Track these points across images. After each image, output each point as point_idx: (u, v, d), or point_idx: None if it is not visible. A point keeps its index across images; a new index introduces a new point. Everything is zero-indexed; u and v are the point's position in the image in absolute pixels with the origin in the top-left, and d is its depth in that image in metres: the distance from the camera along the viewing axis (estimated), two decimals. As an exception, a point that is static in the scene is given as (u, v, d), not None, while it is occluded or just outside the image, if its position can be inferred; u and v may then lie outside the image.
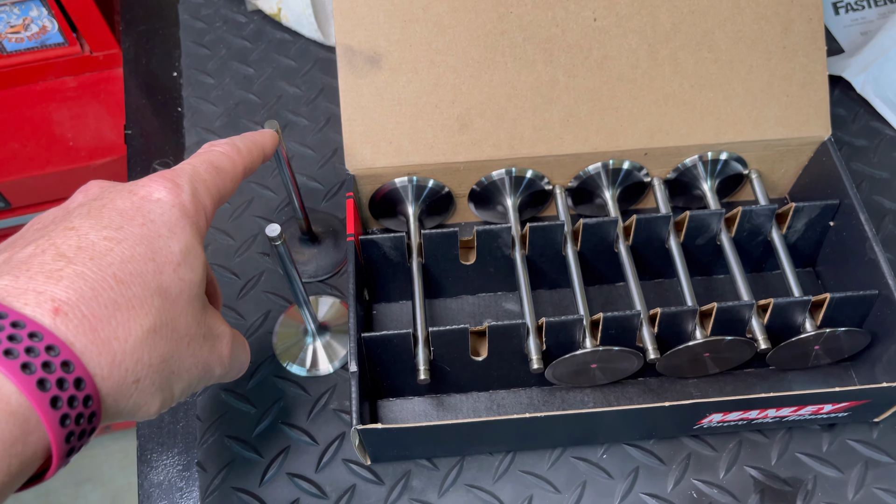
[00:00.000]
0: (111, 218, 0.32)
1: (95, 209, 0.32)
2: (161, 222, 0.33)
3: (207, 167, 0.37)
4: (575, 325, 0.47)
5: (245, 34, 0.70)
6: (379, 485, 0.49)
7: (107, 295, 0.29)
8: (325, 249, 0.57)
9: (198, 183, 0.35)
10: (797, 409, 0.46)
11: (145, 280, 0.31)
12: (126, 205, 0.32)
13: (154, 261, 0.32)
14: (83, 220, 0.31)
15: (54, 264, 0.29)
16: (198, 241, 0.34)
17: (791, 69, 0.53)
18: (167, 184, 0.34)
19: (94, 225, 0.31)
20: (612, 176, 0.55)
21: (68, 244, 0.30)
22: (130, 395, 0.31)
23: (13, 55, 0.81)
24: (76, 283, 0.29)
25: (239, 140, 0.40)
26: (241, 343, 0.40)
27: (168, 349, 0.32)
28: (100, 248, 0.30)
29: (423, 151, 0.53)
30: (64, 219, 0.32)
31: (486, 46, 0.52)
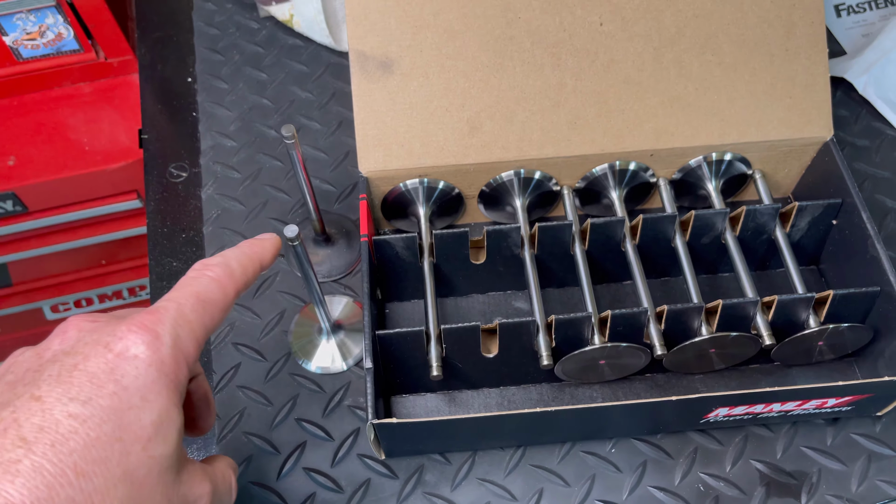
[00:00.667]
0: (80, 386, 0.30)
1: (66, 371, 0.30)
2: (134, 388, 0.31)
3: (194, 304, 0.34)
4: (583, 322, 0.49)
5: (258, 40, 0.71)
6: (393, 479, 0.50)
7: (64, 493, 0.28)
8: (339, 250, 0.58)
9: (181, 328, 0.33)
10: (802, 404, 0.47)
11: (109, 467, 0.29)
12: (99, 366, 0.30)
13: (121, 440, 0.30)
14: (51, 386, 0.30)
15: (13, 452, 0.28)
16: (175, 402, 0.32)
17: (794, 71, 0.54)
18: (146, 336, 0.32)
19: (60, 396, 0.29)
20: (618, 177, 0.56)
21: (31, 422, 0.28)
22: None
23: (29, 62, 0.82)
24: (33, 480, 0.27)
25: (234, 259, 0.37)
26: (227, 487, 0.38)
27: None
28: (63, 429, 0.29)
29: (434, 154, 0.54)
30: (33, 379, 0.30)
31: (495, 51, 0.53)
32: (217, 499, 0.36)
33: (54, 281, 0.99)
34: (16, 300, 1.00)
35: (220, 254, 0.38)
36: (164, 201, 0.62)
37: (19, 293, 0.99)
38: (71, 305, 1.04)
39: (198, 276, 0.36)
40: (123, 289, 1.04)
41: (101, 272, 1.00)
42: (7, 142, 0.81)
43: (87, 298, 1.03)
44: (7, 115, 0.82)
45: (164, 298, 0.34)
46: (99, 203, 0.85)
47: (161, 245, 0.60)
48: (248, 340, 0.55)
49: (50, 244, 0.90)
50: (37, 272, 0.97)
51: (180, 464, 0.33)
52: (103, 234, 0.90)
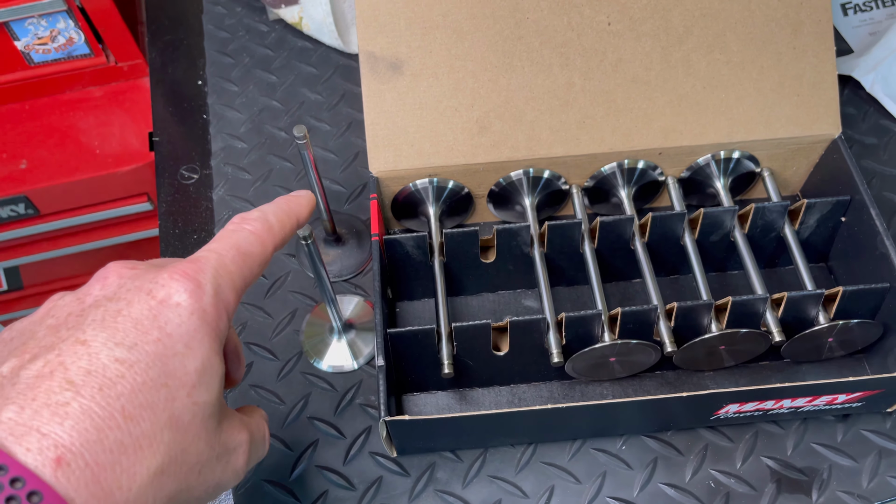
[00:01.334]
0: (125, 331, 0.30)
1: (110, 316, 0.30)
2: (178, 336, 0.31)
3: (234, 255, 0.34)
4: (594, 320, 0.49)
5: (267, 43, 0.72)
6: (405, 476, 0.50)
7: (113, 436, 0.28)
8: (349, 250, 0.59)
9: (222, 278, 0.33)
10: (812, 400, 0.48)
11: (156, 412, 0.29)
12: (143, 312, 0.31)
13: (167, 386, 0.30)
14: (96, 331, 0.30)
15: (61, 394, 0.28)
16: (216, 350, 0.32)
17: (801, 69, 0.54)
18: (188, 284, 0.32)
19: (106, 340, 0.29)
20: (627, 175, 0.56)
21: (78, 366, 0.28)
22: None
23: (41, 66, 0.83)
24: (82, 422, 0.27)
25: (272, 213, 0.38)
26: (262, 437, 0.39)
27: (176, 486, 0.30)
28: (110, 373, 0.29)
29: (444, 153, 0.54)
30: (77, 323, 0.30)
31: (504, 51, 0.53)
32: (253, 448, 0.37)
33: (65, 283, 1.00)
34: (27, 303, 1.01)
35: (259, 208, 0.38)
36: (176, 203, 0.63)
37: (30, 296, 1.00)
38: (81, 308, 1.04)
39: (237, 228, 0.36)
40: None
41: (112, 275, 1.00)
42: (19, 145, 0.82)
43: (97, 301, 1.04)
44: (19, 118, 0.83)
45: (205, 248, 0.34)
46: (110, 206, 0.86)
47: (173, 246, 0.61)
48: (261, 340, 0.56)
49: (61, 247, 0.91)
50: (48, 275, 0.98)
51: (221, 412, 0.34)
52: (114, 237, 0.91)
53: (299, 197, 0.40)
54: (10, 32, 0.77)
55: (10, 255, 0.91)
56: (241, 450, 0.35)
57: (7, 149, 0.81)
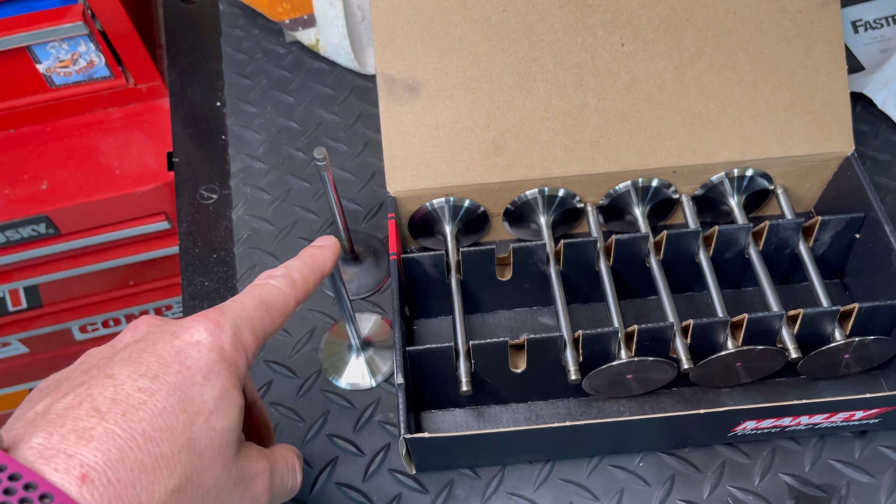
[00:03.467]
0: (149, 365, 0.33)
1: (136, 353, 0.33)
2: (197, 368, 0.33)
3: (256, 304, 0.37)
4: (610, 337, 0.49)
5: (284, 64, 0.73)
6: (423, 493, 0.51)
7: (134, 456, 0.30)
8: (367, 268, 0.60)
9: (242, 321, 0.36)
10: (829, 416, 0.48)
11: (174, 434, 0.31)
12: (166, 350, 0.33)
13: (186, 412, 0.32)
14: (122, 366, 0.32)
15: (87, 420, 0.30)
16: (234, 384, 0.34)
17: (813, 88, 0.55)
18: (208, 324, 0.34)
19: (131, 373, 0.32)
20: (641, 193, 0.57)
21: (104, 396, 0.31)
22: None
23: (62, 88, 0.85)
24: (105, 444, 0.29)
25: (297, 270, 0.40)
26: (289, 469, 0.40)
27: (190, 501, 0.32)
28: (133, 400, 0.31)
29: (460, 173, 0.55)
30: (107, 364, 0.33)
31: (519, 73, 0.54)
32: (279, 478, 0.38)
33: (83, 302, 1.01)
34: (46, 321, 1.02)
35: (284, 265, 0.40)
36: (196, 223, 0.64)
37: (49, 314, 1.01)
38: (99, 326, 1.05)
39: (263, 283, 0.38)
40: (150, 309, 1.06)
41: (129, 293, 1.02)
42: (40, 166, 0.83)
43: (114, 319, 1.05)
44: (40, 140, 0.84)
45: (231, 299, 0.37)
46: (128, 225, 0.87)
47: (193, 265, 0.62)
48: (280, 358, 0.57)
49: (80, 265, 0.92)
50: (67, 293, 0.99)
51: (240, 441, 0.35)
52: (132, 256, 0.92)
53: (323, 248, 0.42)
54: (33, 56, 0.79)
55: (30, 273, 0.92)
56: (261, 479, 0.37)
57: (29, 170, 0.83)
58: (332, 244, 0.42)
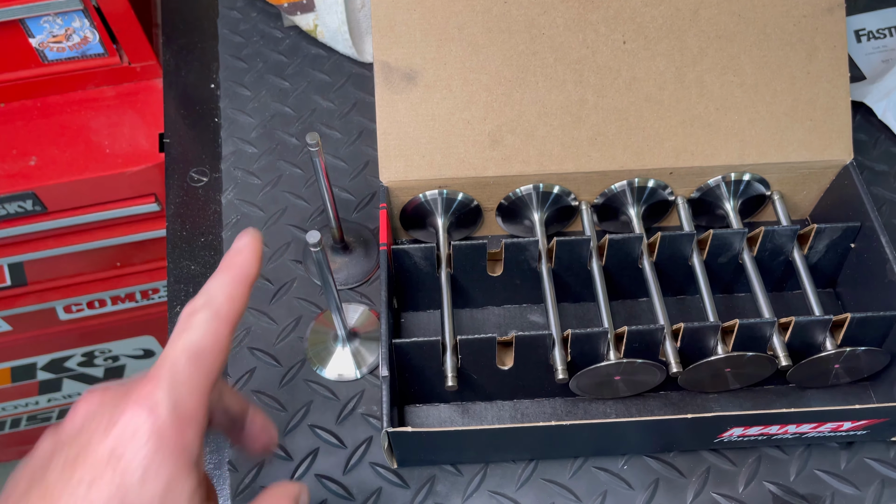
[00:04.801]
0: (81, 477, 0.31)
1: (69, 463, 0.32)
2: (134, 467, 0.31)
3: (187, 359, 0.34)
4: (600, 338, 0.49)
5: (281, 49, 0.72)
6: (404, 488, 0.50)
7: None
8: (356, 258, 0.59)
9: (180, 387, 0.33)
10: (817, 426, 0.47)
11: None
12: (100, 453, 0.32)
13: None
14: (56, 480, 0.32)
15: None
16: (181, 467, 0.32)
17: (815, 94, 0.54)
18: (141, 411, 0.32)
19: (63, 491, 0.31)
20: (637, 194, 0.56)
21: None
22: None
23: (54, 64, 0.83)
24: None
25: (220, 291, 0.35)
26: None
27: None
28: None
29: (455, 165, 0.54)
30: (43, 474, 0.32)
31: (519, 66, 0.54)
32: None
33: (69, 282, 1.00)
34: (30, 299, 1.01)
35: (203, 289, 0.36)
36: (185, 205, 0.63)
37: (34, 293, 1.00)
38: (84, 306, 1.04)
39: (185, 327, 0.35)
40: (136, 291, 1.05)
41: (116, 274, 1.00)
42: (29, 142, 0.82)
43: (100, 300, 1.04)
44: (31, 115, 0.83)
45: (160, 358, 0.34)
46: (117, 205, 0.86)
47: (180, 248, 0.61)
48: (264, 345, 0.56)
49: (67, 244, 0.91)
50: (52, 272, 0.97)
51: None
52: (120, 237, 0.91)
53: (241, 252, 0.37)
54: (26, 29, 0.77)
55: (15, 251, 0.91)
56: None
57: (17, 145, 0.82)
58: (249, 243, 0.37)
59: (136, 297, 1.06)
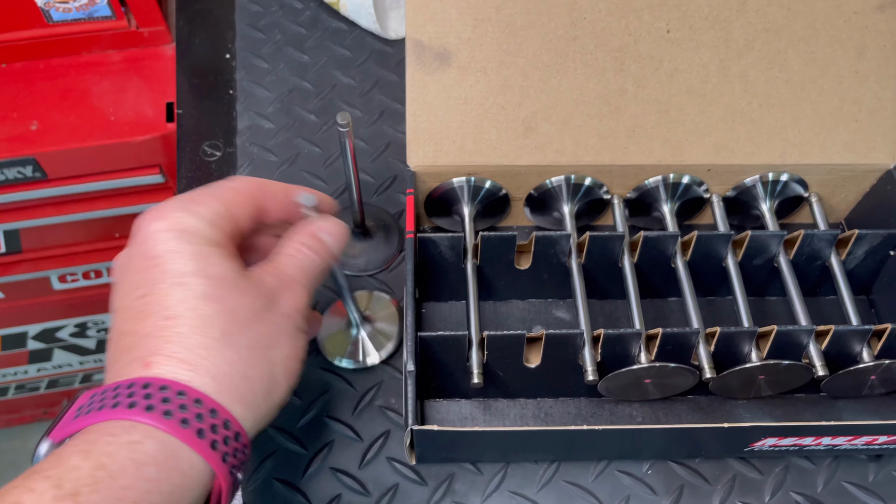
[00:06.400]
0: (133, 281, 0.36)
1: (122, 275, 0.37)
2: (163, 253, 0.35)
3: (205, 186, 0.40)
4: (632, 339, 0.47)
5: (301, 20, 0.69)
6: (422, 485, 0.48)
7: (185, 341, 0.35)
8: (376, 244, 0.57)
9: (192, 195, 0.38)
10: (851, 439, 0.46)
11: (178, 305, 0.35)
12: (137, 261, 0.36)
13: (182, 284, 0.35)
14: (116, 293, 0.37)
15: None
16: (204, 242, 0.36)
17: (862, 94, 0.52)
18: (152, 214, 0.37)
19: (121, 296, 0.37)
20: (671, 190, 0.54)
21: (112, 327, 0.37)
22: (252, 389, 0.36)
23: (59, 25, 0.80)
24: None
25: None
26: (306, 248, 0.41)
27: (249, 337, 0.36)
28: (118, 329, 0.36)
29: (486, 152, 0.52)
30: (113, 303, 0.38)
31: (557, 51, 0.51)
32: (295, 272, 0.40)
33: (65, 251, 0.97)
34: (24, 267, 0.98)
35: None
36: (196, 180, 0.61)
37: (28, 261, 0.97)
38: (79, 277, 1.01)
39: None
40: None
41: (114, 245, 0.97)
42: (31, 106, 0.79)
43: (95, 271, 1.01)
44: (33, 78, 0.80)
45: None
46: (120, 175, 0.83)
47: (191, 225, 0.58)
48: (279, 331, 0.53)
49: (65, 213, 0.88)
50: (48, 240, 0.95)
51: (247, 272, 0.38)
52: (121, 207, 0.88)
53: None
54: (31, -13, 0.74)
55: (12, 217, 0.88)
56: (280, 290, 0.38)
57: (19, 108, 0.78)
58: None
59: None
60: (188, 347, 0.34)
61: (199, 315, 0.35)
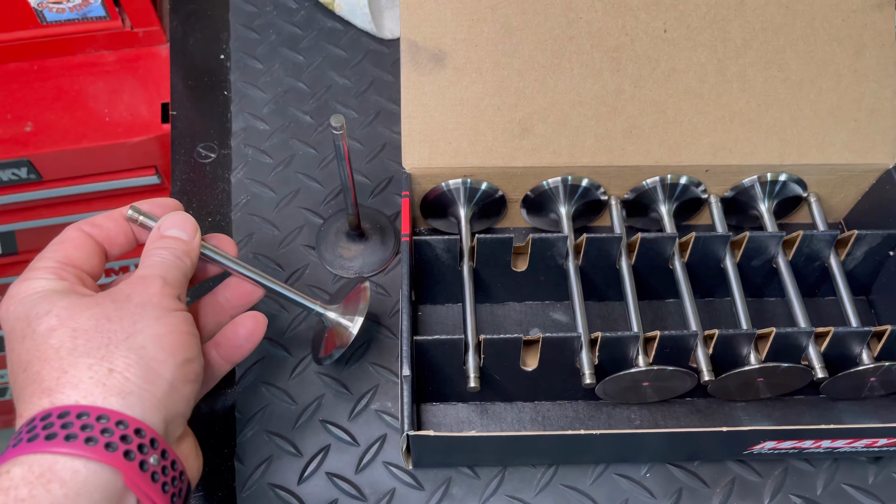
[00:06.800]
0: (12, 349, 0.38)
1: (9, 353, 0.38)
2: (9, 321, 0.38)
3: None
4: (630, 342, 0.47)
5: (296, 20, 0.69)
6: (419, 490, 0.48)
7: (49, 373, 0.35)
8: (372, 246, 0.56)
9: (28, 269, 0.40)
10: (851, 442, 0.46)
11: (32, 350, 0.36)
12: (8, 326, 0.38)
13: (34, 332, 0.37)
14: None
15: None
16: (39, 295, 0.37)
17: (861, 93, 0.52)
18: (7, 294, 0.39)
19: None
20: (669, 191, 0.54)
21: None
22: (124, 379, 0.36)
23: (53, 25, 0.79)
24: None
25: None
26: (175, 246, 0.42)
27: (88, 343, 0.36)
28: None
29: (482, 154, 0.52)
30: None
31: (553, 51, 0.51)
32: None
33: (61, 252, 0.96)
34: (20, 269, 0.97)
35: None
36: (191, 182, 0.60)
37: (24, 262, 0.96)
38: (76, 278, 1.01)
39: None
40: (131, 264, 1.01)
41: (110, 246, 0.97)
42: (25, 107, 0.78)
43: (92, 272, 1.01)
44: (27, 79, 0.79)
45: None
46: (115, 176, 0.83)
47: (185, 228, 0.58)
48: (275, 335, 0.53)
49: (61, 215, 0.87)
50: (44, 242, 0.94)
51: (94, 296, 0.39)
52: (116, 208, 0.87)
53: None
54: (25, -12, 0.73)
55: (7, 219, 0.87)
56: (135, 290, 0.39)
57: (13, 109, 0.78)
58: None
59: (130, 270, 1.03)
60: (51, 377, 0.35)
61: (50, 347, 0.36)
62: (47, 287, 0.38)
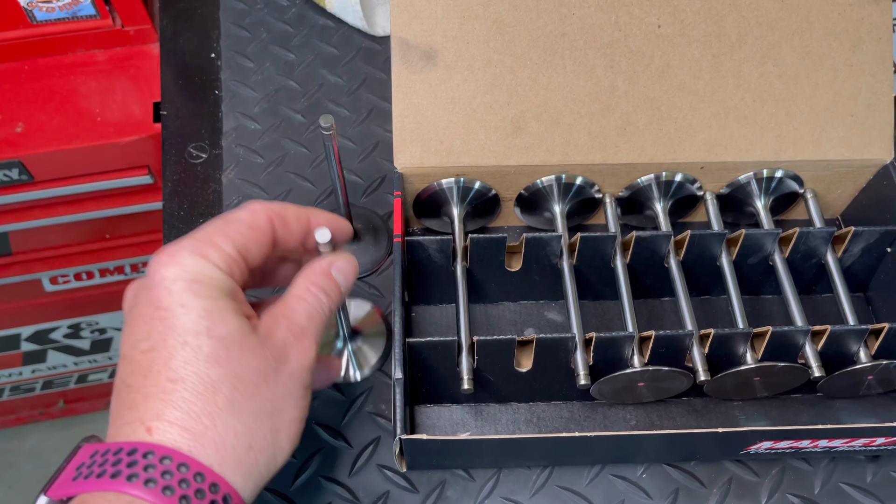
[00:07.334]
0: (139, 331, 0.35)
1: (128, 325, 0.36)
2: (170, 305, 0.34)
3: (215, 223, 0.37)
4: (625, 342, 0.46)
5: (287, 18, 0.68)
6: (413, 493, 0.48)
7: (189, 408, 0.33)
8: (365, 247, 0.56)
9: (200, 240, 0.36)
10: (849, 441, 0.45)
11: (192, 360, 0.33)
12: (145, 309, 0.35)
13: (186, 343, 0.34)
14: (122, 339, 0.36)
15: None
16: (211, 294, 0.34)
17: (857, 88, 0.51)
18: (164, 258, 0.35)
19: (128, 346, 0.35)
20: (664, 188, 0.53)
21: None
22: (255, 460, 0.34)
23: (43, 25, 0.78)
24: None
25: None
26: (313, 291, 0.39)
27: (255, 404, 0.34)
28: (137, 364, 0.34)
29: (474, 153, 0.51)
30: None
31: (546, 48, 0.50)
32: (303, 318, 0.37)
33: (55, 253, 0.96)
34: (15, 270, 0.97)
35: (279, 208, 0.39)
36: (182, 182, 0.60)
37: (19, 263, 0.96)
38: (71, 278, 1.01)
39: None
40: (126, 264, 1.01)
41: (105, 246, 0.97)
42: (16, 107, 0.77)
43: (87, 272, 1.00)
44: (17, 79, 0.78)
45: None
46: (107, 176, 0.82)
47: (177, 228, 0.57)
48: (267, 337, 0.53)
49: (54, 215, 0.87)
50: (38, 243, 0.94)
51: (256, 329, 0.36)
52: (110, 209, 0.87)
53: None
54: (13, -13, 0.73)
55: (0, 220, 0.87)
56: (294, 350, 0.36)
57: (3, 110, 0.77)
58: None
59: (126, 270, 1.02)
60: (191, 415, 0.33)
61: (203, 380, 0.33)
62: (216, 283, 0.35)
